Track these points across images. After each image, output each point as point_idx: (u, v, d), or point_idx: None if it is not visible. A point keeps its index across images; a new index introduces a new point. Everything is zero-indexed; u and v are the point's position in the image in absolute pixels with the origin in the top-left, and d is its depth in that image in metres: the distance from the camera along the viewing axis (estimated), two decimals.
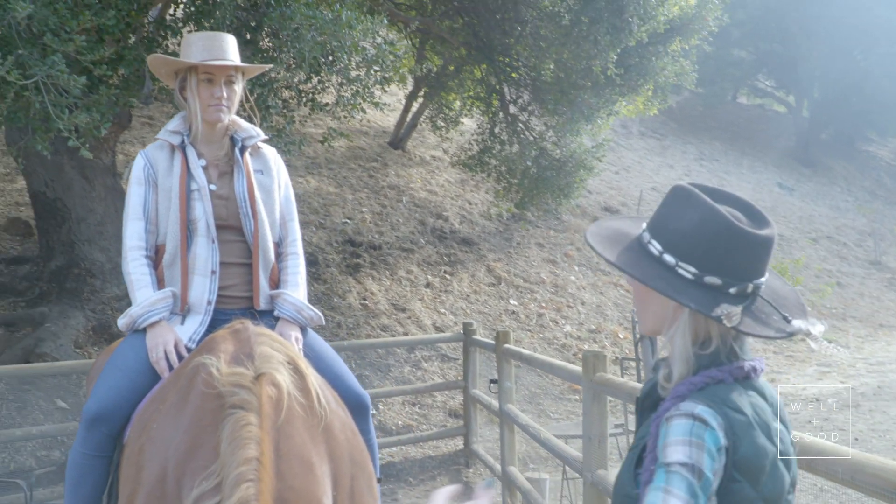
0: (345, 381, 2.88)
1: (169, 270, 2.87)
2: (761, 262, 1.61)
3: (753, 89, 33.71)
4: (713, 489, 1.47)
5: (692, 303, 1.54)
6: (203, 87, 2.88)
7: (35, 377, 6.65)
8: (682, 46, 10.91)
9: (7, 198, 9.64)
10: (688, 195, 1.62)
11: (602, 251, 1.65)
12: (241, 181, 2.94)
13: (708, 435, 1.49)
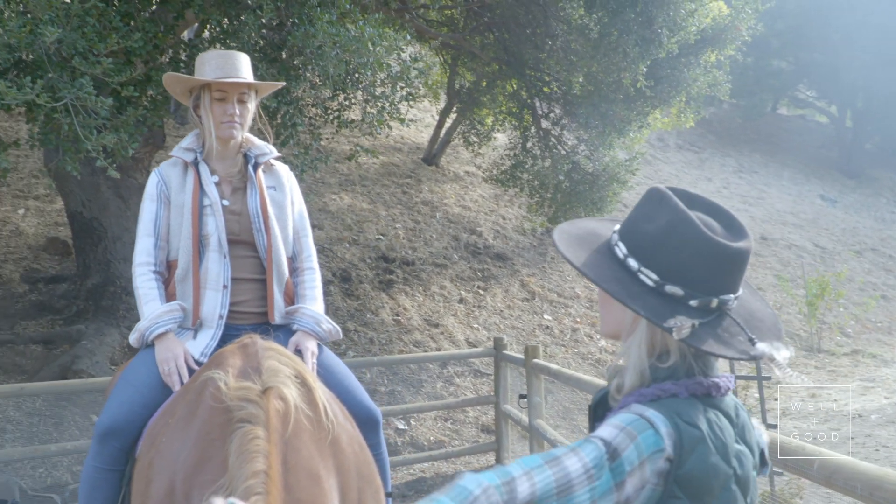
0: (355, 395, 2.87)
1: (181, 285, 2.89)
2: (730, 277, 1.51)
3: (794, 100, 33.27)
4: (629, 490, 1.38)
5: (643, 310, 1.46)
6: (216, 105, 2.92)
7: (71, 393, 6.76)
8: (717, 57, 10.83)
9: (46, 218, 9.85)
10: (661, 198, 1.54)
11: (565, 250, 1.58)
12: (255, 197, 2.96)
13: (647, 434, 1.41)
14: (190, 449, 2.18)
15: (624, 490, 1.39)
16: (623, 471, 1.38)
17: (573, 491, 1.35)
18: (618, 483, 1.38)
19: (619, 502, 1.40)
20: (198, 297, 2.84)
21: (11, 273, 8.52)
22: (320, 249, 11.21)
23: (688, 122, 13.18)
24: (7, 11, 4.61)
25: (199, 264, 2.85)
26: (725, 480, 1.44)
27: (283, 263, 3.02)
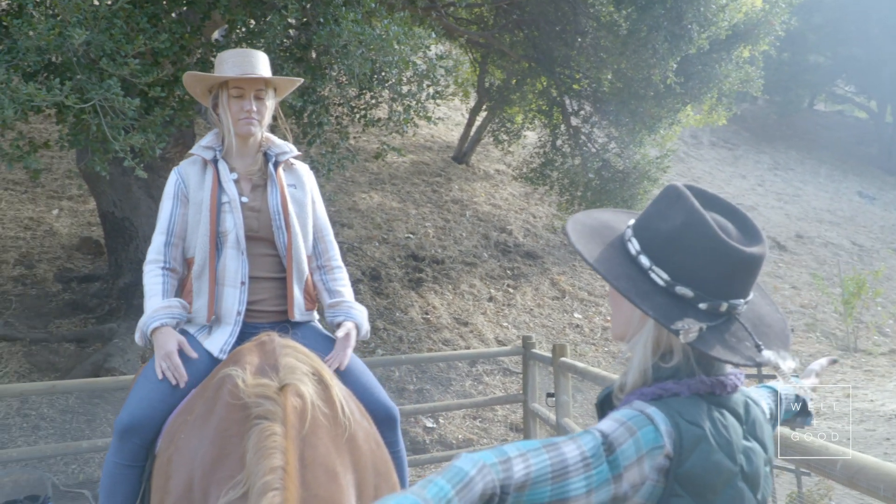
0: (373, 393, 2.88)
1: (197, 282, 2.90)
2: (742, 282, 1.50)
3: (832, 95, 32.78)
4: (626, 485, 1.38)
5: (651, 310, 1.44)
6: (233, 102, 2.95)
7: (103, 391, 6.86)
8: (750, 53, 10.68)
9: (80, 218, 10.00)
10: (677, 196, 1.52)
11: (577, 242, 1.56)
12: (275, 194, 2.97)
13: (647, 430, 1.40)
14: (208, 446, 2.20)
15: (622, 484, 1.38)
16: (620, 464, 1.38)
17: (569, 477, 1.34)
18: (615, 476, 1.37)
19: (617, 496, 1.39)
20: (213, 294, 2.86)
21: (45, 272, 8.66)
22: (350, 248, 11.26)
23: (720, 119, 13.03)
24: (37, 14, 4.67)
25: (216, 261, 2.86)
26: (730, 478, 1.42)
27: (303, 261, 3.03)
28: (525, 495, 1.32)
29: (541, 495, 1.33)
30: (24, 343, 7.45)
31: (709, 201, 1.54)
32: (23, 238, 9.18)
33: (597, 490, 1.36)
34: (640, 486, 1.39)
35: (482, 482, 1.27)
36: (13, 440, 6.38)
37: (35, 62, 4.71)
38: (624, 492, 1.39)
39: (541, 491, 1.33)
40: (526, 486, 1.32)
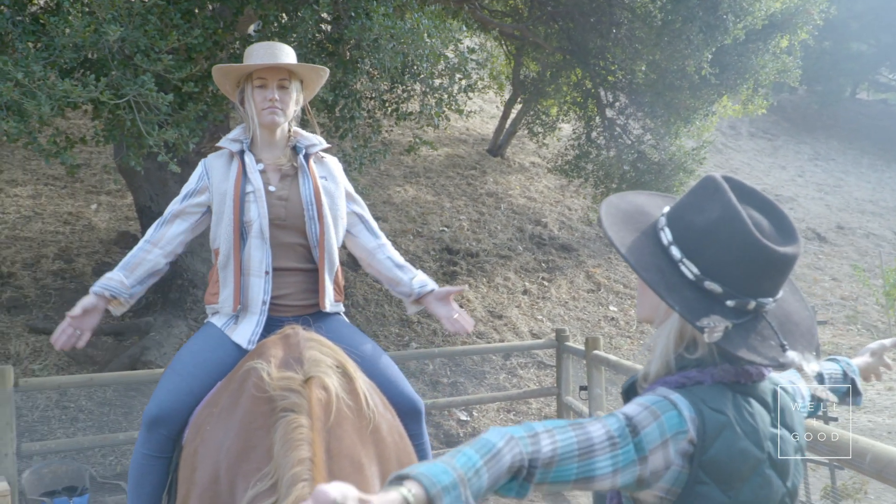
0: (397, 385, 2.88)
1: (223, 272, 2.91)
2: (773, 281, 1.48)
3: (874, 84, 32.14)
4: (651, 468, 1.38)
5: (678, 304, 1.43)
6: (257, 92, 2.96)
7: (140, 384, 6.95)
8: (789, 42, 10.50)
9: (118, 213, 10.14)
10: (715, 188, 1.50)
11: (609, 227, 1.55)
12: (307, 185, 2.97)
13: (671, 415, 1.40)
14: (233, 438, 2.22)
15: (647, 466, 1.38)
16: (645, 447, 1.38)
17: (595, 455, 1.35)
18: (640, 458, 1.37)
19: (642, 479, 1.39)
20: (238, 283, 2.87)
21: (84, 266, 8.79)
22: None
23: (759, 109, 12.82)
24: (73, 12, 4.74)
25: (240, 251, 2.87)
26: (757, 465, 1.42)
27: (334, 252, 3.03)
28: (552, 472, 1.33)
29: (567, 472, 1.34)
30: None
31: (746, 195, 1.51)
32: (62, 233, 9.33)
33: (623, 471, 1.36)
34: (664, 471, 1.39)
35: (510, 454, 1.28)
36: (52, 432, 6.49)
37: (71, 59, 4.78)
38: (649, 475, 1.39)
39: (567, 468, 1.34)
40: (553, 462, 1.32)
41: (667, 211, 1.59)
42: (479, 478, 1.24)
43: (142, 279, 2.95)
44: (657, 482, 1.40)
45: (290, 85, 3.02)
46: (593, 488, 1.39)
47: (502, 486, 1.31)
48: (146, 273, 2.95)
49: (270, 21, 5.54)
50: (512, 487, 1.31)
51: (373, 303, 9.79)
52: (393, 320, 9.60)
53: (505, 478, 1.28)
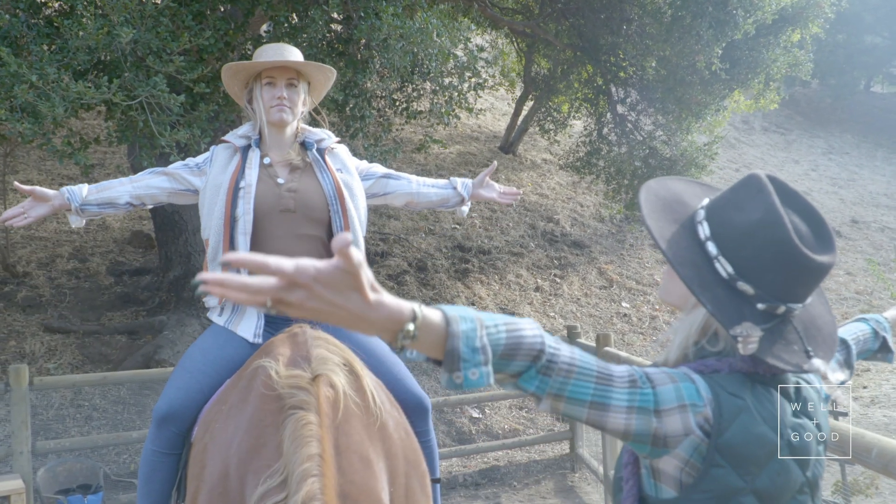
0: (404, 382, 2.91)
1: (212, 265, 2.93)
2: (806, 288, 1.48)
3: (889, 77, 31.94)
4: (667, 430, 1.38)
5: (710, 304, 1.43)
6: (265, 90, 3.01)
7: (154, 382, 6.99)
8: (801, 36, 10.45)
9: (131, 212, 10.21)
10: (759, 188, 1.49)
11: (648, 216, 1.53)
12: (328, 180, 3.00)
13: (688, 385, 1.41)
14: (243, 435, 2.25)
15: (663, 423, 1.38)
16: (661, 401, 1.38)
17: (612, 384, 1.36)
18: (657, 410, 1.37)
19: (658, 436, 1.39)
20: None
21: (98, 266, 8.86)
22: (396, 239, 11.32)
23: (772, 103, 12.76)
24: (86, 14, 4.79)
25: (229, 246, 2.88)
26: (774, 451, 1.41)
27: (360, 243, 3.06)
28: (569, 385, 1.32)
29: (584, 391, 1.34)
30: (77, 335, 7.64)
31: (789, 198, 1.50)
32: (76, 233, 9.41)
33: (638, 413, 1.37)
34: (683, 437, 1.39)
35: (531, 336, 1.28)
36: (67, 430, 6.56)
37: (85, 61, 4.83)
38: (665, 435, 1.39)
39: (584, 386, 1.33)
40: (571, 372, 1.32)
41: (706, 203, 1.58)
42: (497, 333, 1.24)
43: (100, 203, 3.00)
44: (675, 448, 1.40)
45: (299, 84, 3.07)
46: (608, 423, 1.37)
47: (522, 375, 1.30)
48: (106, 200, 3.00)
49: (281, 22, 5.57)
50: (531, 378, 1.30)
51: None
52: None
53: (523, 359, 1.27)
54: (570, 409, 1.36)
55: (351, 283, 1.10)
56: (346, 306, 1.11)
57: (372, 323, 1.14)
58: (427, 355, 1.22)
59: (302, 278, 1.07)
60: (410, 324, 1.17)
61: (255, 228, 2.91)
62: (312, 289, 1.08)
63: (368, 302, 1.12)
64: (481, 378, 1.20)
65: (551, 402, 1.34)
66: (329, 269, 1.08)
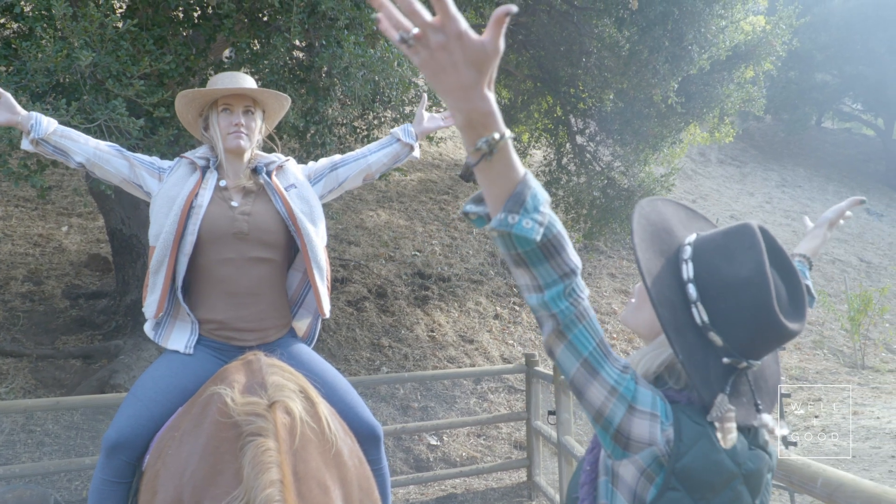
0: (356, 411, 2.92)
1: (154, 277, 2.89)
2: (770, 349, 1.50)
3: (839, 113, 32.86)
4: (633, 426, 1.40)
5: (682, 353, 1.44)
6: (222, 117, 3.03)
7: (108, 407, 6.89)
8: (756, 72, 10.73)
9: (89, 235, 10.09)
10: (751, 244, 1.48)
11: (638, 244, 1.53)
12: (279, 202, 3.01)
13: (662, 402, 1.43)
14: (198, 462, 2.23)
15: (632, 421, 1.41)
16: (638, 400, 1.41)
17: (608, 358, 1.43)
18: (631, 406, 1.41)
19: (622, 431, 1.42)
20: (166, 291, 2.86)
21: (54, 289, 8.74)
22: (356, 265, 11.31)
23: (726, 136, 13.05)
24: (45, 37, 4.76)
25: (175, 262, 2.87)
26: (730, 479, 1.42)
27: (320, 257, 3.05)
28: (578, 328, 1.38)
29: (586, 343, 1.39)
30: (30, 359, 7.52)
31: (775, 256, 1.51)
32: (32, 255, 9.27)
33: (617, 399, 1.40)
34: (645, 446, 1.41)
35: (573, 254, 1.34)
36: (17, 456, 6.43)
37: (43, 83, 4.79)
38: (630, 434, 1.41)
39: (588, 338, 1.39)
40: (584, 318, 1.38)
41: (694, 240, 1.58)
42: (554, 222, 1.31)
43: (57, 147, 2.96)
44: (635, 453, 1.41)
45: (255, 112, 3.11)
46: (589, 390, 1.40)
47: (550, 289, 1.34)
48: (64, 148, 2.97)
49: (242, 48, 5.59)
50: (558, 298, 1.35)
51: (344, 327, 9.80)
52: (364, 345, 9.61)
53: (556, 267, 1.33)
54: (565, 354, 1.40)
55: (482, 62, 1.16)
56: (463, 75, 1.16)
57: (471, 106, 1.20)
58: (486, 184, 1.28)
59: (452, 27, 1.13)
60: (497, 134, 1.22)
61: (208, 251, 2.90)
62: (451, 42, 1.14)
63: (482, 87, 1.18)
64: (532, 230, 1.26)
65: (555, 337, 1.39)
66: (474, 37, 1.14)
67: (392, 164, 3.38)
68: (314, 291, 3.02)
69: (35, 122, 2.93)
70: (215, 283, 2.94)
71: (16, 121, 2.91)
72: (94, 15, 4.68)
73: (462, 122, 1.23)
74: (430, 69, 1.17)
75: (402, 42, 1.16)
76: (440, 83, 1.19)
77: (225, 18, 5.42)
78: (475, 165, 1.27)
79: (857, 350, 13.67)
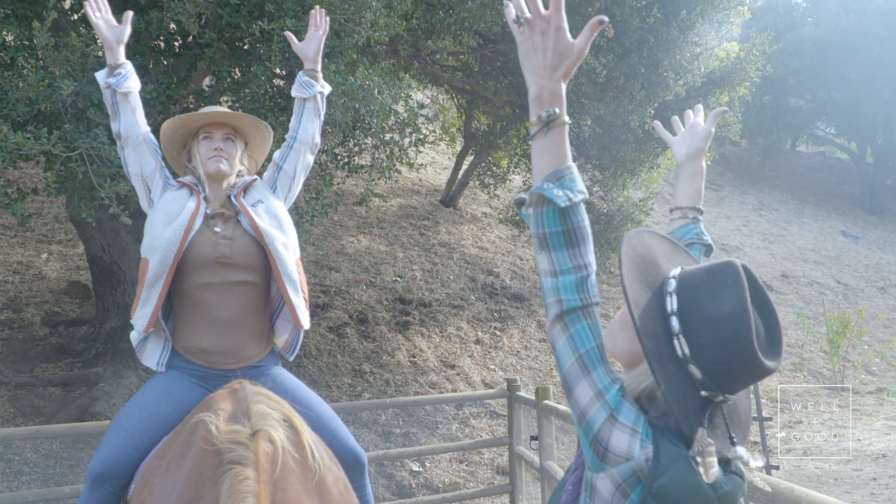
0: (341, 438, 2.93)
1: (148, 290, 2.89)
2: (747, 385, 1.54)
3: (813, 137, 33.35)
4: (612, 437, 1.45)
5: (664, 384, 1.46)
6: (203, 144, 3.09)
7: (88, 436, 6.85)
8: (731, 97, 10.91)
9: (68, 262, 10.05)
10: (734, 282, 1.50)
11: (626, 275, 1.56)
12: (245, 221, 3.02)
13: (644, 423, 1.46)
14: (181, 489, 2.24)
15: (612, 432, 1.46)
16: (621, 412, 1.47)
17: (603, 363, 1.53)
18: (612, 416, 1.46)
19: (600, 440, 1.46)
20: (158, 307, 2.86)
21: (33, 316, 8.68)
22: (337, 291, 11.32)
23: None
24: (27, 67, 4.79)
25: (171, 279, 2.88)
26: (706, 501, 1.44)
27: (290, 270, 3.03)
28: (582, 324, 1.51)
29: (586, 340, 1.52)
30: (9, 387, 7.45)
31: (756, 294, 1.54)
32: (11, 282, 9.22)
33: (602, 404, 1.47)
34: (622, 460, 1.44)
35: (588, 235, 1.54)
36: None
37: (24, 112, 4.81)
38: (608, 444, 1.45)
39: (588, 338, 1.52)
40: (589, 316, 1.53)
41: (679, 274, 1.60)
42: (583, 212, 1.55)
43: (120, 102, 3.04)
44: (612, 467, 1.45)
45: (236, 140, 3.16)
46: (577, 388, 1.49)
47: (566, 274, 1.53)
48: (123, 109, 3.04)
49: (223, 77, 5.64)
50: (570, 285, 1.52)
51: (325, 353, 9.79)
52: (345, 371, 9.60)
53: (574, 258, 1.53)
54: (565, 347, 1.52)
55: (566, 54, 1.55)
56: (549, 58, 1.55)
57: (545, 83, 1.56)
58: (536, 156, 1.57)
59: (556, 21, 1.54)
60: (559, 109, 1.56)
61: (190, 275, 2.92)
62: (550, 31, 1.54)
63: (559, 72, 1.55)
64: (560, 198, 1.50)
65: (558, 325, 1.53)
66: (568, 36, 1.55)
67: (319, 118, 3.32)
68: (288, 305, 3.01)
69: (124, 73, 3.02)
70: (198, 310, 2.94)
71: (112, 51, 3.02)
72: (76, 45, 4.71)
73: (534, 94, 1.57)
74: (526, 46, 1.56)
75: (514, 21, 1.57)
76: (528, 59, 1.56)
77: (206, 47, 5.47)
78: (532, 137, 1.57)
79: (836, 372, 13.80)
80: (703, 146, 2.17)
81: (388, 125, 6.30)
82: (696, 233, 2.14)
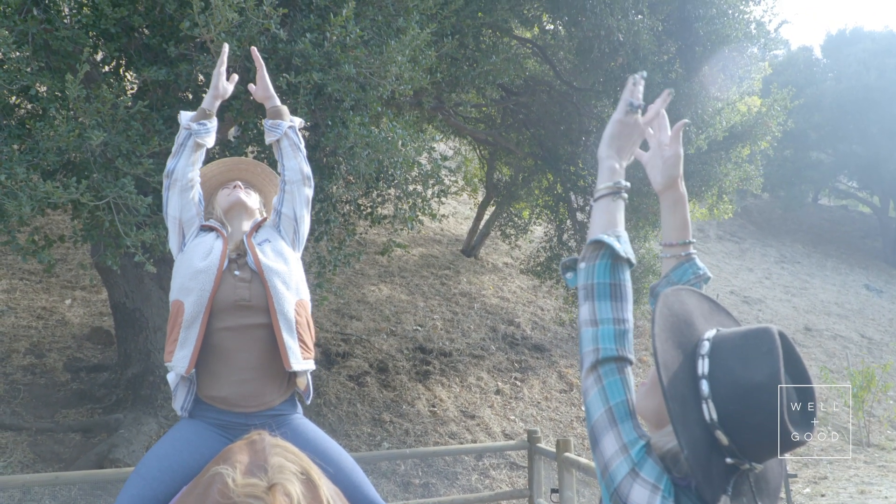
0: (362, 490, 2.91)
1: (186, 331, 2.89)
2: (775, 455, 1.49)
3: (835, 191, 33.27)
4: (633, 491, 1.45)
5: (688, 448, 1.43)
6: (222, 194, 3.21)
7: (107, 482, 6.83)
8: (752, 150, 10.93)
9: (91, 308, 10.13)
10: (769, 349, 1.47)
11: (658, 334, 1.54)
12: (251, 259, 3.03)
13: (669, 481, 1.45)
14: None
15: (633, 486, 1.46)
16: (644, 468, 1.47)
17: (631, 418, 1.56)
18: (634, 470, 1.48)
19: (619, 493, 1.46)
20: (198, 347, 2.87)
21: (55, 362, 8.74)
22: (357, 340, 11.32)
23: (724, 213, 13.21)
24: (58, 117, 4.90)
25: (207, 322, 2.89)
26: None
27: (286, 309, 3.00)
28: (615, 378, 1.58)
29: (617, 394, 1.57)
30: (29, 433, 7.47)
31: (791, 364, 1.50)
32: (34, 327, 9.30)
33: (624, 459, 1.49)
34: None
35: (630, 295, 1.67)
36: None
37: (54, 161, 4.91)
38: (625, 499, 1.45)
39: (619, 392, 1.57)
40: (622, 371, 1.60)
41: (713, 336, 1.57)
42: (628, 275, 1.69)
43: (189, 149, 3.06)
44: None
45: (252, 189, 3.27)
46: (604, 440, 1.52)
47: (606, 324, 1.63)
48: (186, 155, 3.06)
49: (249, 127, 5.74)
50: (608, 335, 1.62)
51: (345, 402, 9.76)
52: (365, 419, 9.56)
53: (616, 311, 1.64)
54: (595, 399, 1.57)
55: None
56: (636, 146, 1.92)
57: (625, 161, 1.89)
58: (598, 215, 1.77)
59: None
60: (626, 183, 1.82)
61: (214, 319, 2.91)
62: (642, 127, 1.89)
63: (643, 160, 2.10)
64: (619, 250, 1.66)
65: (595, 376, 1.60)
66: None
67: (299, 150, 3.26)
68: (279, 344, 2.96)
69: (209, 126, 3.12)
70: (219, 355, 2.92)
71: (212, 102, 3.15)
72: (107, 96, 4.82)
73: (609, 166, 1.83)
74: (627, 131, 1.86)
75: (632, 107, 1.84)
76: (621, 140, 1.85)
77: (233, 100, 5.57)
78: (599, 198, 1.80)
79: (861, 427, 13.56)
80: (677, 173, 2.10)
81: (412, 176, 6.36)
82: (692, 272, 2.11)
